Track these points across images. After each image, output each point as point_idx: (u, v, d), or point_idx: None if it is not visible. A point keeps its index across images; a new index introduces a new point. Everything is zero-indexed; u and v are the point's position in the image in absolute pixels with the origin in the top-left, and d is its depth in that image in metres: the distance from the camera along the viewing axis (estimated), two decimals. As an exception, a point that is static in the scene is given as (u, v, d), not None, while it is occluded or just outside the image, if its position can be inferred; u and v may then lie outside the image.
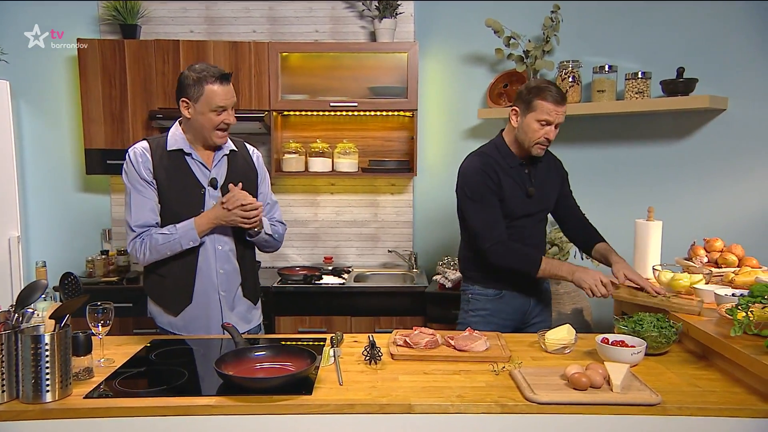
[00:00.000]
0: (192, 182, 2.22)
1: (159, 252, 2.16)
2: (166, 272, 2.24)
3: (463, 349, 1.99)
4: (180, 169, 2.22)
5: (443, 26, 3.81)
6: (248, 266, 2.35)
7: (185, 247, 2.16)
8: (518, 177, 2.43)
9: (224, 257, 2.26)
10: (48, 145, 3.85)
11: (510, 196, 2.41)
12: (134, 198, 2.19)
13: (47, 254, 3.77)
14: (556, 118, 2.33)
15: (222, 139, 2.24)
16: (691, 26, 3.19)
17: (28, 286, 1.63)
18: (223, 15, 3.82)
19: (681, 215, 3.12)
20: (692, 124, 3.19)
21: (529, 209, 2.44)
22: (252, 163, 2.39)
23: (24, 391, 1.55)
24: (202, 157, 2.25)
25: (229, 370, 1.72)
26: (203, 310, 2.25)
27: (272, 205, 2.44)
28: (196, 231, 2.15)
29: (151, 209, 2.19)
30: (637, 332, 1.98)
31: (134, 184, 2.19)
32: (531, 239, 2.48)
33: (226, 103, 2.17)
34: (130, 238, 2.19)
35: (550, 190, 2.53)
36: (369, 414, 1.62)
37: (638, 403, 1.60)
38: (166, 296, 2.26)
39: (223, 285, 2.26)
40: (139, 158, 2.19)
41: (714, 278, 2.41)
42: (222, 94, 2.15)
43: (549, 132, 2.35)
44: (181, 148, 2.23)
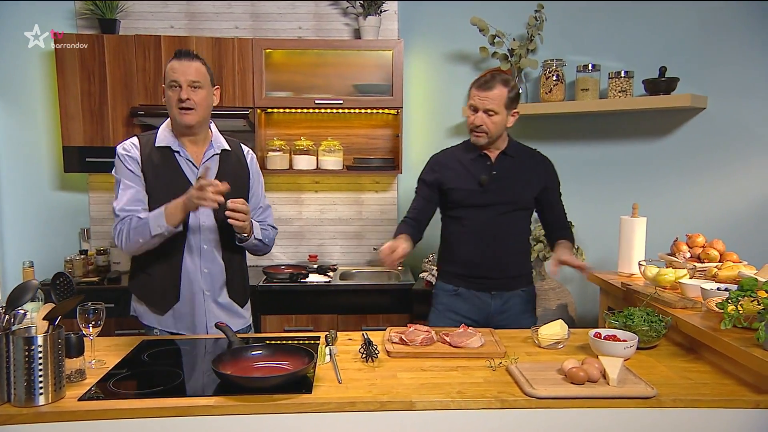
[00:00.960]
0: (180, 179, 2.18)
1: (132, 237, 2.09)
2: (153, 271, 2.21)
3: (459, 346, 2.00)
4: (168, 165, 2.19)
5: (427, 24, 3.82)
6: (235, 267, 2.31)
7: (154, 232, 2.07)
8: (475, 168, 2.43)
9: (209, 256, 2.22)
10: (22, 142, 3.74)
11: (458, 185, 2.44)
12: (122, 187, 2.16)
13: (23, 254, 3.68)
14: (479, 103, 2.33)
15: (185, 117, 2.11)
16: (671, 26, 3.26)
17: (19, 287, 1.58)
18: (205, 11, 3.76)
19: (663, 211, 3.19)
20: (673, 123, 3.27)
21: (480, 200, 2.41)
22: (245, 163, 2.34)
23: (16, 394, 1.51)
24: (190, 155, 2.22)
25: (226, 369, 1.70)
26: (189, 308, 2.22)
27: (265, 209, 2.40)
28: (164, 217, 2.06)
29: (136, 198, 2.16)
30: (628, 326, 2.01)
31: (122, 175, 2.17)
32: (488, 230, 2.42)
33: (180, 78, 2.09)
34: (114, 224, 2.16)
35: (516, 186, 2.44)
36: (370, 411, 1.61)
37: (635, 396, 1.63)
38: (153, 295, 2.22)
39: (207, 284, 2.22)
40: (128, 152, 2.18)
41: (697, 273, 2.46)
42: (177, 68, 2.09)
43: (477, 118, 2.34)
44: (170, 145, 2.20)
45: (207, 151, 2.25)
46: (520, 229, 2.51)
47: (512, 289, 2.48)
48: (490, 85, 2.33)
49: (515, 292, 2.48)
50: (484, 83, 2.35)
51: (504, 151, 2.45)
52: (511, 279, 2.47)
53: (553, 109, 3.36)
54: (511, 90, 2.35)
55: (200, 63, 2.16)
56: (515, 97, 2.39)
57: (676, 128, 3.25)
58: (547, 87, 3.38)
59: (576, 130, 3.57)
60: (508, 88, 2.35)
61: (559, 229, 2.56)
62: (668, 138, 3.29)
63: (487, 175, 2.41)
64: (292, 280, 3.44)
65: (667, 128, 3.28)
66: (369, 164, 3.70)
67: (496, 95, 2.32)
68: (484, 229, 2.43)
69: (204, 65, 2.18)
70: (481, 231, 2.43)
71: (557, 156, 3.54)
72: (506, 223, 2.44)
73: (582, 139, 3.56)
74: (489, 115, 2.33)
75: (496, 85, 2.33)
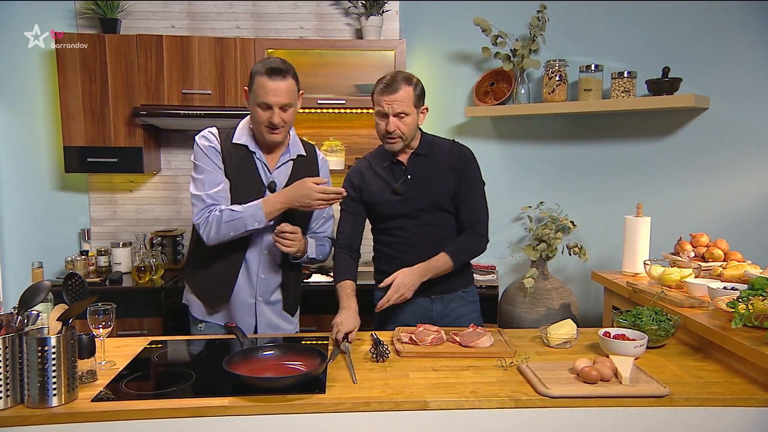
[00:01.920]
0: (254, 179, 2.16)
1: (223, 231, 2.06)
2: (211, 267, 2.18)
3: (469, 345, 2.00)
4: (244, 164, 2.16)
5: (428, 24, 3.82)
6: (291, 279, 2.31)
7: (249, 228, 2.06)
8: (389, 176, 2.31)
9: (268, 264, 2.21)
10: (22, 142, 3.72)
11: (377, 198, 2.32)
12: (206, 172, 2.10)
13: (23, 254, 3.67)
14: (388, 108, 2.18)
15: (273, 136, 2.10)
16: (673, 26, 3.28)
17: (31, 288, 1.57)
18: (206, 10, 3.75)
19: (666, 211, 3.20)
20: (676, 123, 3.28)
21: (400, 209, 2.29)
22: (317, 170, 2.31)
23: (29, 396, 1.50)
24: (265, 158, 2.19)
25: (238, 370, 1.69)
26: (239, 311, 2.22)
27: (327, 219, 2.37)
28: (263, 210, 2.05)
29: (223, 186, 2.12)
30: (637, 326, 2.02)
31: (205, 161, 2.11)
32: (416, 236, 2.30)
33: (272, 100, 2.03)
34: (198, 210, 2.09)
35: (433, 187, 2.29)
36: (384, 411, 1.61)
37: (648, 395, 1.64)
38: (206, 290, 2.22)
39: (261, 290, 2.22)
40: (211, 142, 2.14)
41: (702, 272, 2.47)
42: (269, 88, 2.02)
43: (389, 124, 2.19)
44: (246, 145, 2.16)
45: (282, 156, 2.22)
46: (451, 229, 2.34)
47: (452, 291, 2.36)
48: (395, 87, 2.17)
49: (455, 294, 2.37)
50: (387, 86, 2.19)
51: (416, 152, 2.31)
52: (449, 281, 2.32)
53: (556, 110, 3.37)
54: (416, 87, 2.22)
55: (291, 79, 2.07)
56: (421, 93, 2.26)
57: (679, 128, 3.27)
58: (550, 87, 3.39)
59: (579, 130, 3.58)
60: (412, 86, 2.21)
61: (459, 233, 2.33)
62: (671, 138, 3.31)
63: (403, 181, 2.28)
64: (295, 280, 3.43)
65: (670, 128, 3.30)
66: (371, 164, 3.69)
67: (403, 96, 2.18)
68: (412, 236, 2.31)
69: (294, 78, 2.10)
70: (410, 238, 2.31)
71: (560, 156, 3.60)
72: (434, 225, 2.31)
73: (585, 139, 3.57)
74: (400, 118, 2.19)
75: (401, 85, 2.18)
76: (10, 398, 1.49)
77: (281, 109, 2.05)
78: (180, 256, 3.77)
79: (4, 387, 1.47)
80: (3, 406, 1.48)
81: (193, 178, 2.14)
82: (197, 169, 2.13)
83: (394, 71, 2.30)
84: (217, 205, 2.08)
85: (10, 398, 1.49)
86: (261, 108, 2.06)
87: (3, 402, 1.48)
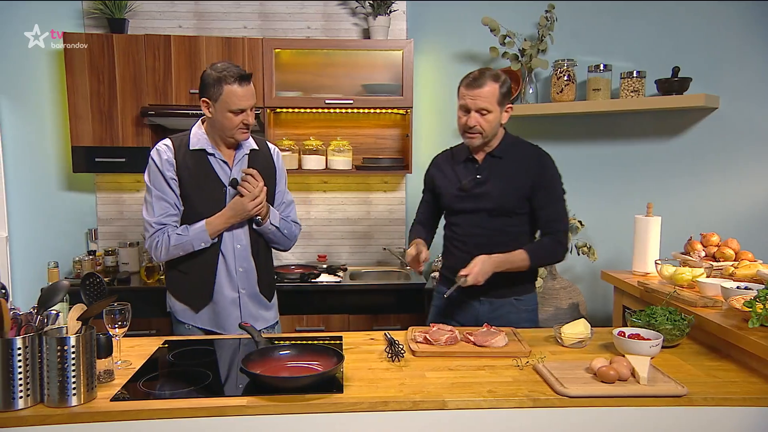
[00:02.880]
0: (214, 181, 2.25)
1: (172, 252, 2.20)
2: (188, 269, 2.27)
3: (484, 345, 2.00)
4: (202, 168, 2.24)
5: (435, 24, 3.82)
6: (263, 262, 2.36)
7: (197, 248, 2.21)
8: (463, 171, 2.36)
9: (243, 255, 2.29)
10: (29, 142, 3.71)
11: (444, 190, 2.41)
12: (155, 196, 2.21)
13: (30, 254, 3.66)
14: (471, 103, 2.21)
15: (244, 136, 2.24)
16: (681, 26, 3.27)
17: (50, 288, 1.57)
18: (213, 10, 3.75)
19: (675, 211, 3.19)
20: (685, 122, 3.28)
21: (462, 205, 2.34)
22: (272, 161, 2.40)
23: (49, 395, 1.50)
24: (224, 156, 2.28)
25: (255, 369, 1.69)
26: (223, 307, 2.28)
27: (288, 204, 2.45)
28: (207, 232, 2.19)
29: (170, 207, 2.21)
30: (652, 325, 2.02)
31: (156, 182, 2.21)
32: (474, 236, 2.33)
33: (245, 104, 2.16)
34: (148, 235, 2.22)
35: (501, 191, 2.30)
36: (402, 411, 1.61)
37: (666, 395, 1.64)
38: (187, 293, 2.29)
39: (243, 283, 2.29)
40: (163, 156, 2.22)
41: (714, 272, 2.47)
42: (241, 95, 2.14)
43: (470, 119, 2.23)
44: (204, 148, 2.24)
45: (238, 151, 2.30)
46: (513, 235, 2.32)
47: (503, 297, 2.36)
48: (481, 83, 2.20)
49: (506, 300, 2.37)
50: (473, 81, 2.22)
51: (492, 153, 2.33)
52: (501, 286, 2.30)
53: (565, 109, 3.38)
54: (502, 85, 2.23)
55: (252, 84, 2.21)
56: (507, 92, 2.27)
57: (688, 128, 3.27)
58: (558, 87, 3.39)
59: (587, 129, 3.58)
60: (499, 83, 2.22)
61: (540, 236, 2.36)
62: (680, 138, 3.31)
63: (472, 179, 2.32)
64: (303, 280, 3.43)
65: (679, 128, 3.30)
66: (379, 164, 3.70)
67: (487, 92, 2.20)
68: (470, 235, 2.34)
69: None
70: (468, 236, 2.35)
71: (568, 156, 3.58)
72: (495, 229, 2.32)
73: (592, 139, 3.57)
74: (482, 114, 2.22)
75: (487, 81, 2.20)
76: (30, 398, 1.49)
77: (251, 110, 2.21)
78: (187, 256, 3.77)
79: (24, 386, 1.47)
80: (23, 405, 1.48)
81: (145, 200, 2.26)
82: (147, 191, 2.24)
83: (483, 67, 2.32)
84: (165, 227, 2.20)
85: (30, 398, 1.49)
86: (234, 113, 2.17)
87: (23, 401, 1.48)
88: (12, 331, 1.49)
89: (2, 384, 1.45)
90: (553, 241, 2.32)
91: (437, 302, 2.49)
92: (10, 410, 1.47)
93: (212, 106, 2.17)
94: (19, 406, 1.47)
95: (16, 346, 1.45)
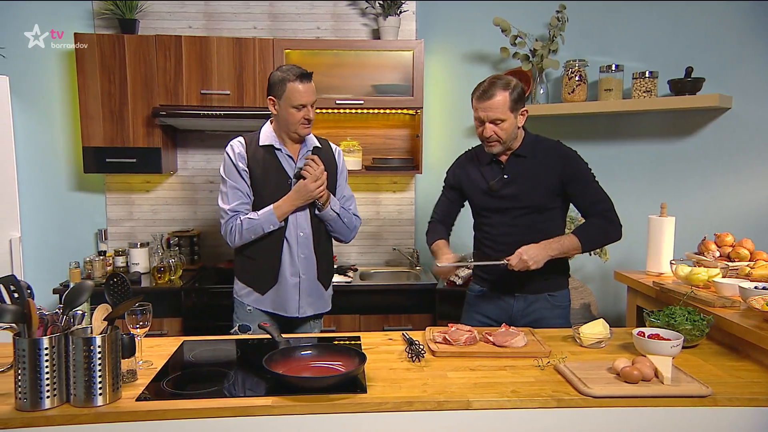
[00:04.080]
0: (281, 173, 2.43)
1: (244, 236, 2.38)
2: (255, 255, 2.45)
3: (503, 345, 2.00)
4: (270, 162, 2.43)
5: (445, 24, 3.82)
6: (323, 251, 2.52)
7: (266, 230, 2.38)
8: (489, 172, 2.39)
9: (305, 243, 2.45)
10: (40, 143, 3.71)
11: (471, 189, 2.45)
12: (230, 186, 2.41)
13: (40, 255, 3.66)
14: (484, 115, 2.25)
15: (306, 130, 2.42)
16: (692, 26, 3.27)
17: (75, 288, 1.57)
18: (223, 11, 3.75)
19: (687, 211, 3.17)
20: (697, 123, 3.27)
21: (491, 204, 2.38)
22: (333, 158, 2.57)
23: (75, 395, 1.50)
24: (290, 151, 2.47)
25: (277, 369, 1.69)
26: (286, 290, 2.44)
27: (348, 198, 2.61)
28: (275, 215, 2.36)
29: (243, 196, 2.41)
30: (672, 325, 2.02)
31: (230, 173, 2.42)
32: (507, 234, 2.36)
33: (306, 100, 2.35)
34: (223, 222, 2.42)
35: (531, 187, 2.33)
36: (427, 411, 1.61)
37: (690, 395, 1.64)
38: (254, 276, 2.46)
39: (303, 269, 2.45)
40: (236, 150, 2.42)
41: (729, 272, 2.47)
42: (302, 91, 2.33)
43: (486, 130, 2.27)
44: (272, 144, 2.44)
45: (302, 148, 2.50)
46: (545, 231, 2.33)
47: (537, 293, 2.39)
48: (491, 94, 2.23)
49: (540, 296, 2.39)
50: (483, 93, 2.25)
51: (516, 153, 2.35)
52: (535, 282, 2.35)
53: (576, 110, 3.38)
54: (512, 91, 2.24)
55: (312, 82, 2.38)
56: (519, 97, 2.27)
57: (701, 128, 3.26)
58: (570, 87, 3.39)
59: (599, 130, 3.58)
60: (509, 91, 2.24)
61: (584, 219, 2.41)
62: (692, 138, 3.30)
63: (499, 179, 2.36)
64: (314, 280, 3.43)
65: (691, 128, 3.29)
66: (389, 164, 3.70)
67: (498, 103, 2.23)
68: (503, 233, 2.38)
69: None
70: (501, 235, 2.38)
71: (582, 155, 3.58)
72: (526, 226, 2.34)
73: (605, 139, 3.57)
74: (496, 124, 2.25)
75: (497, 92, 2.23)
76: (56, 397, 1.49)
77: (311, 106, 2.39)
78: (196, 257, 3.77)
79: (51, 386, 1.47)
80: (50, 405, 1.48)
81: (220, 191, 2.46)
82: (223, 183, 2.45)
83: (493, 76, 2.34)
84: (238, 215, 2.39)
85: (57, 397, 1.49)
86: (297, 109, 2.36)
87: (50, 401, 1.48)
88: (39, 330, 1.48)
89: (30, 384, 1.45)
90: (602, 219, 2.32)
91: (471, 300, 2.53)
92: (37, 410, 1.47)
93: (277, 103, 2.38)
94: (46, 406, 1.47)
95: (43, 345, 1.45)
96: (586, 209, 2.37)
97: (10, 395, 1.53)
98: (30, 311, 1.44)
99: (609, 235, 2.35)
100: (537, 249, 2.22)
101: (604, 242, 2.42)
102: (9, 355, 1.66)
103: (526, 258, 2.18)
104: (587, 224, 2.36)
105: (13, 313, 1.43)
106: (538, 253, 2.21)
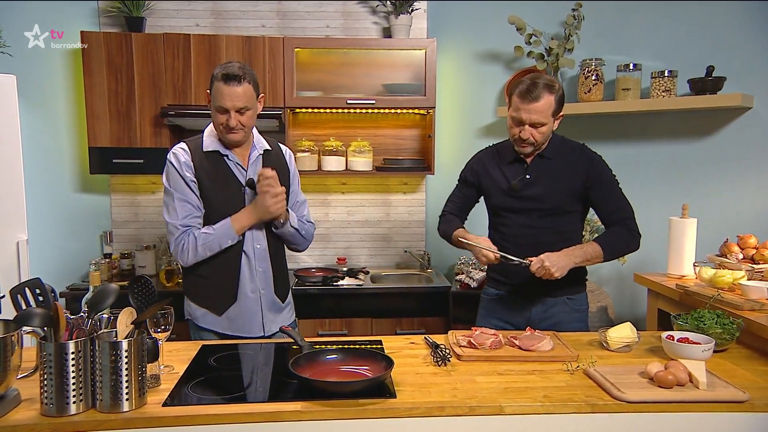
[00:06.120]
0: (232, 182, 2.22)
1: (199, 252, 2.14)
2: (210, 273, 2.21)
3: (530, 349, 1.96)
4: (219, 169, 2.21)
5: (456, 23, 3.79)
6: (278, 264, 2.33)
7: (224, 245, 2.15)
8: (511, 171, 2.33)
9: (262, 256, 2.26)
10: (46, 144, 3.65)
11: (491, 189, 2.37)
12: (177, 198, 2.16)
13: (46, 257, 3.59)
14: (526, 117, 2.15)
15: (233, 136, 2.15)
16: (711, 24, 3.22)
17: (100, 291, 1.53)
18: (231, 9, 3.70)
19: (708, 212, 3.11)
20: (718, 122, 3.22)
21: (511, 204, 2.32)
22: (285, 162, 2.37)
23: (101, 400, 1.45)
24: (238, 157, 2.24)
25: (304, 373, 1.65)
26: (247, 306, 2.23)
27: (301, 203, 2.42)
28: (233, 228, 2.15)
29: (193, 209, 2.17)
30: (701, 329, 1.98)
31: (176, 185, 2.17)
32: (525, 236, 2.30)
33: (228, 104, 2.08)
34: (173, 238, 2.16)
35: (553, 189, 2.27)
36: (459, 416, 1.57)
37: (727, 400, 1.60)
38: (210, 296, 2.23)
39: (262, 283, 2.26)
40: (181, 159, 2.17)
41: (755, 274, 2.43)
42: (225, 94, 2.07)
43: (524, 132, 2.18)
44: (217, 149, 2.21)
45: (251, 152, 2.27)
46: (564, 234, 2.29)
47: (555, 296, 2.32)
48: (537, 96, 2.12)
49: (559, 300, 2.33)
50: (528, 93, 2.13)
51: (541, 154, 2.29)
52: (553, 286, 2.25)
53: (593, 109, 3.34)
54: (557, 94, 2.17)
55: (247, 84, 2.11)
56: (561, 99, 2.21)
57: (721, 128, 3.21)
58: (586, 87, 3.36)
59: (615, 130, 3.54)
60: (555, 95, 2.16)
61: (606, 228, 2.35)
62: (712, 138, 3.25)
63: (521, 179, 2.30)
64: (326, 283, 3.39)
65: (711, 128, 3.24)
66: (400, 165, 3.66)
67: (543, 106, 2.13)
68: (521, 235, 2.31)
69: (251, 83, 2.13)
70: (519, 236, 2.31)
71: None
72: (545, 228, 2.29)
73: (623, 139, 3.53)
74: (536, 127, 2.17)
75: (543, 94, 2.12)
76: (82, 403, 1.44)
77: (238, 112, 2.11)
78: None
79: (77, 391, 1.42)
80: (75, 410, 1.43)
81: (165, 204, 2.20)
82: (167, 194, 2.19)
83: (535, 74, 2.22)
84: (190, 229, 2.15)
85: (83, 403, 1.44)
86: (219, 111, 2.12)
87: (75, 406, 1.43)
88: (65, 334, 1.44)
89: (56, 389, 1.40)
90: (624, 228, 2.26)
91: (486, 304, 2.46)
92: (64, 415, 1.42)
93: (210, 100, 2.16)
94: (72, 412, 1.43)
95: (69, 350, 1.40)
96: (607, 216, 2.31)
97: (35, 401, 1.48)
98: (58, 315, 1.39)
99: (630, 245, 2.29)
100: (560, 256, 2.13)
101: (625, 252, 2.35)
102: (28, 360, 1.61)
103: (548, 265, 2.10)
104: (609, 232, 2.31)
105: (41, 317, 1.38)
106: (560, 259, 2.13)
